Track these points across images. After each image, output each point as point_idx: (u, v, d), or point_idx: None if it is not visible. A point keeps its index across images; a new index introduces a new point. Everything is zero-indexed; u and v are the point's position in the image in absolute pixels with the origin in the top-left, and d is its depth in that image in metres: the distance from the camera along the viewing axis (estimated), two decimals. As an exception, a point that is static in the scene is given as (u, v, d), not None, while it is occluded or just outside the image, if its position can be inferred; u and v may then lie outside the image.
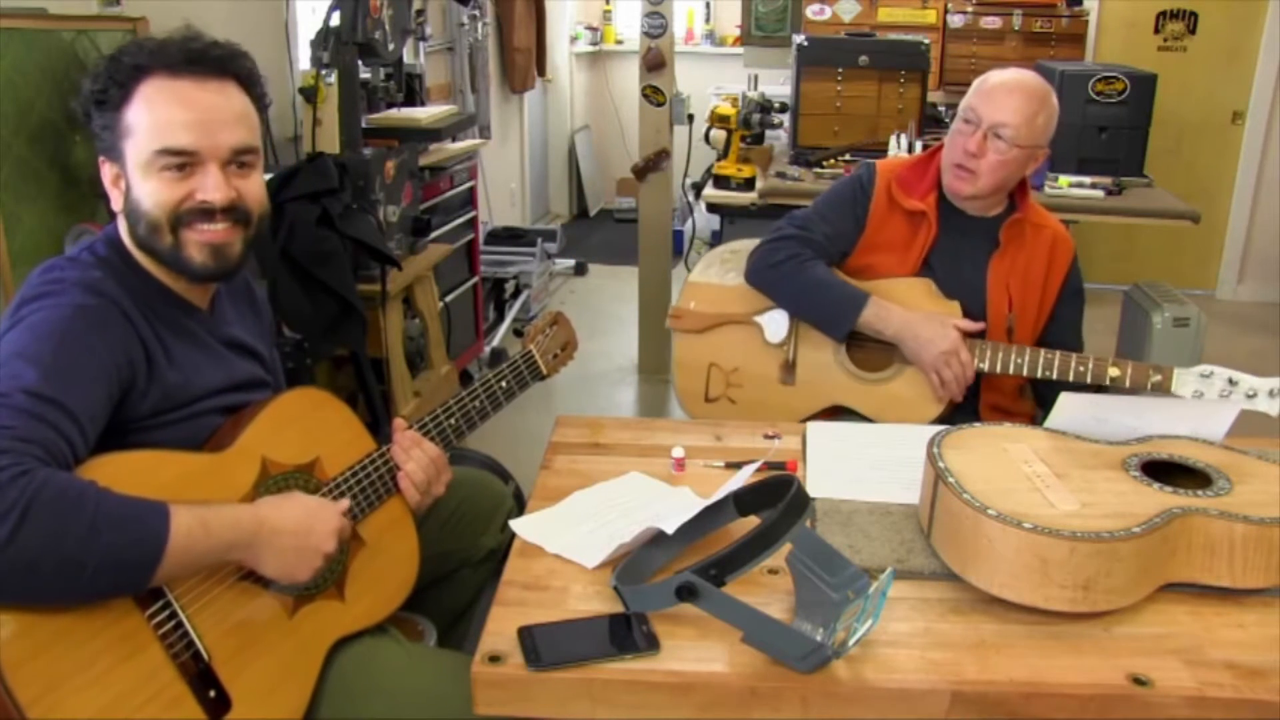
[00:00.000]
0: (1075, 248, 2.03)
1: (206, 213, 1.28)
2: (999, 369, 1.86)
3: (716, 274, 2.09)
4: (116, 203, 1.31)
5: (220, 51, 1.31)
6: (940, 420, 1.90)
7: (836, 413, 1.98)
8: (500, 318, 4.65)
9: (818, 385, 1.99)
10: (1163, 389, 1.76)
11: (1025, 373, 1.84)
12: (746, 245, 2.08)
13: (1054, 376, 1.82)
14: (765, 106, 3.44)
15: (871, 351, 1.97)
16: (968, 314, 1.92)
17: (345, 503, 1.32)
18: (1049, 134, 1.92)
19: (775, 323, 2.00)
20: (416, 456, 1.43)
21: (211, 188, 1.28)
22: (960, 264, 1.97)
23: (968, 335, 1.87)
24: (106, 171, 1.31)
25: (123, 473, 1.14)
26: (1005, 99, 1.87)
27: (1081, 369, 1.81)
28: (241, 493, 1.26)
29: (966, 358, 1.84)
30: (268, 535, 1.20)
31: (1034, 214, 2.00)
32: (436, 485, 1.47)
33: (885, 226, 2.00)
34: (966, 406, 1.94)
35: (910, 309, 1.90)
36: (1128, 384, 1.78)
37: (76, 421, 1.13)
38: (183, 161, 1.27)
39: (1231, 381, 1.70)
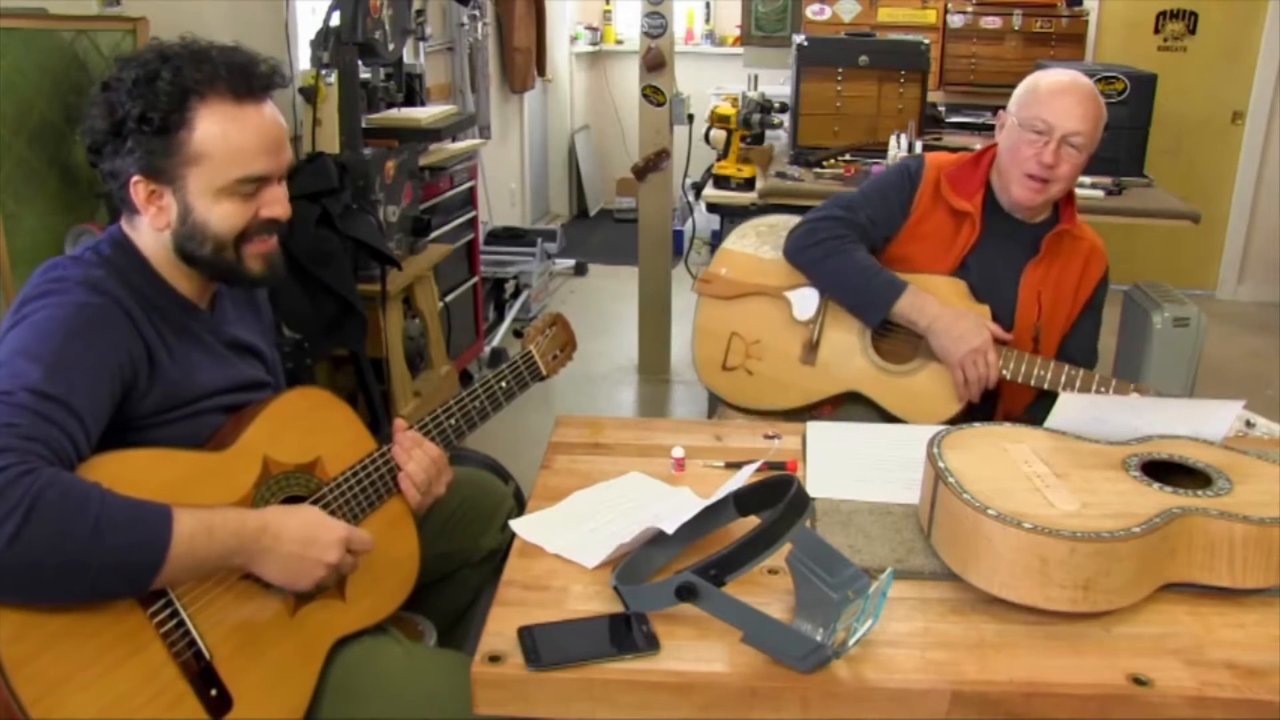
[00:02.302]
0: (1108, 263, 2.02)
1: (267, 227, 1.34)
2: (1021, 378, 1.85)
3: (751, 245, 2.08)
4: (157, 221, 1.30)
5: (266, 68, 1.33)
6: (952, 422, 1.90)
7: (846, 400, 1.98)
8: (500, 318, 4.65)
9: (838, 369, 1.98)
10: None
11: (1047, 385, 1.83)
12: (784, 220, 2.07)
13: (1074, 393, 1.79)
14: (765, 106, 3.44)
15: (897, 342, 1.97)
16: (997, 318, 1.91)
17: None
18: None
19: (805, 299, 1.99)
20: (417, 457, 1.44)
21: (279, 205, 1.35)
22: (995, 267, 1.97)
23: (996, 340, 1.86)
24: (140, 190, 1.28)
25: (124, 471, 1.14)
26: (1076, 107, 1.84)
27: (1103, 389, 1.80)
28: (243, 492, 1.26)
29: (994, 359, 1.84)
30: (270, 542, 1.20)
31: (1079, 228, 1.99)
32: (437, 485, 1.47)
33: (928, 220, 2.00)
34: (983, 412, 1.94)
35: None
36: None
37: (80, 419, 1.13)
38: (257, 185, 1.31)
39: (1249, 424, 1.68)
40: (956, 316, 1.87)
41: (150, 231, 1.32)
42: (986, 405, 1.93)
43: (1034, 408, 2.00)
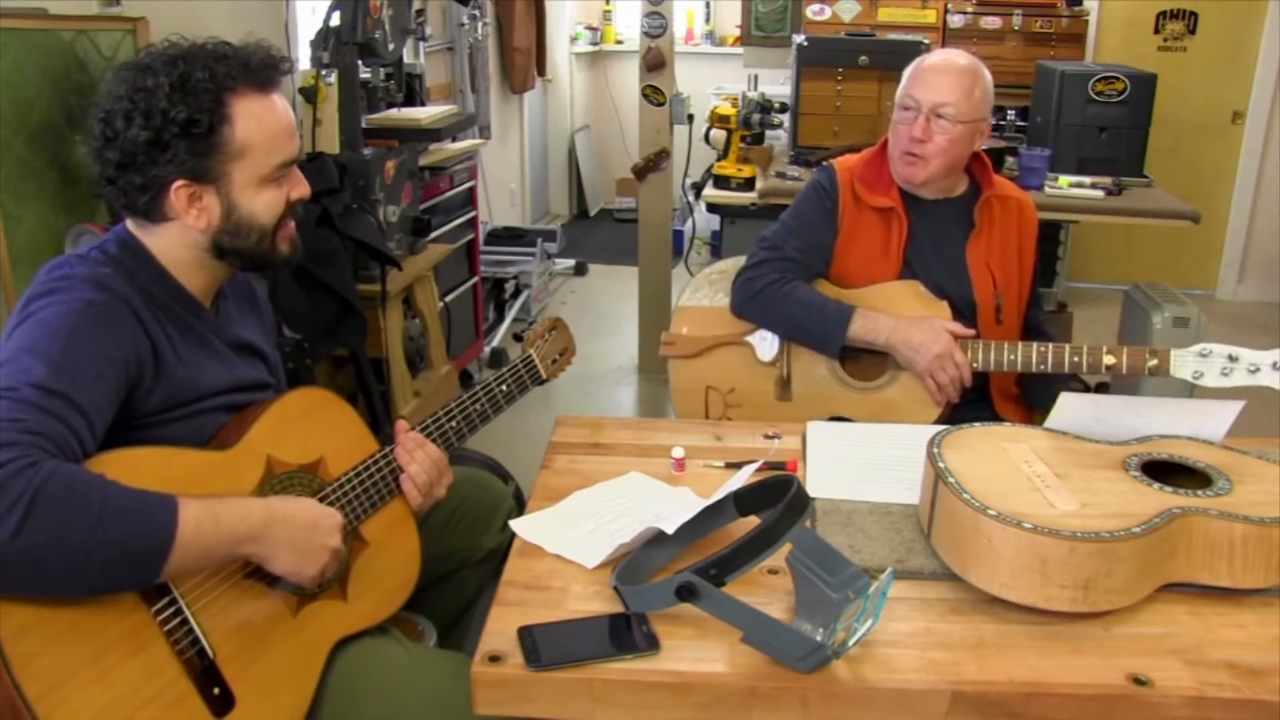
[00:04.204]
0: (1035, 208, 2.06)
1: (293, 209, 1.38)
2: (993, 366, 1.86)
3: (706, 296, 2.09)
4: (198, 222, 1.30)
5: (280, 58, 1.36)
6: (941, 422, 1.90)
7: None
8: (500, 318, 4.65)
9: (814, 399, 1.98)
10: (1160, 372, 1.72)
11: (1019, 368, 1.84)
12: (733, 265, 2.07)
13: (1049, 369, 1.81)
14: (765, 106, 3.44)
15: (865, 361, 1.96)
16: (955, 302, 1.93)
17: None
18: (988, 106, 1.95)
19: (766, 341, 2.00)
20: (419, 458, 1.44)
21: (303, 185, 1.40)
22: (939, 253, 1.98)
23: (959, 338, 1.86)
24: (182, 194, 1.28)
25: (129, 468, 1.14)
26: (938, 80, 1.90)
27: (1076, 359, 1.79)
28: (246, 491, 1.26)
29: (962, 359, 1.84)
30: (277, 529, 1.20)
31: (1000, 188, 2.02)
32: (438, 487, 1.47)
33: (859, 226, 2.00)
34: (977, 403, 1.95)
35: (900, 313, 1.90)
36: (1124, 370, 1.76)
37: (84, 415, 1.13)
38: (288, 170, 1.35)
39: (1231, 358, 1.64)
40: (911, 327, 1.86)
41: (172, 233, 1.32)
42: (978, 391, 1.94)
43: (1028, 388, 2.01)
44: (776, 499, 1.24)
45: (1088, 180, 3.30)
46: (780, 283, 1.95)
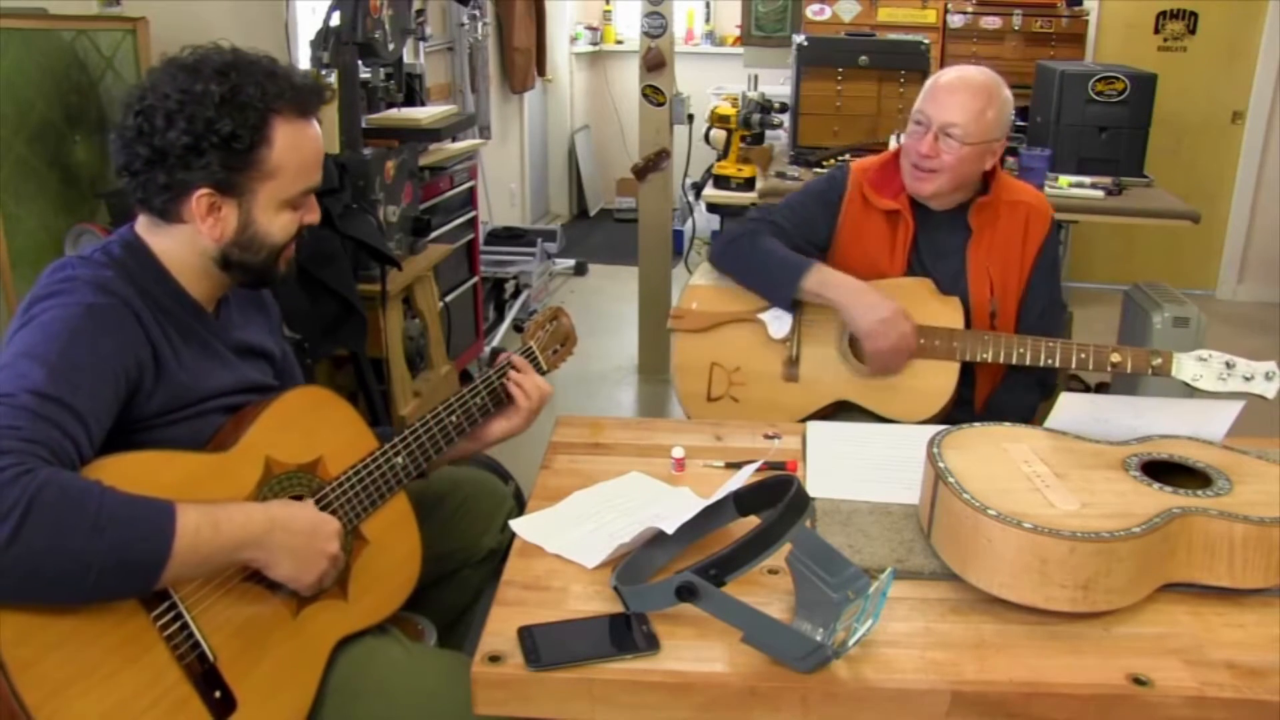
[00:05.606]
0: (1053, 216, 2.03)
1: (299, 232, 1.39)
2: (1002, 358, 1.87)
3: (717, 277, 2.11)
4: (213, 232, 1.31)
5: (321, 87, 1.37)
6: (943, 416, 1.91)
7: (838, 410, 1.99)
8: (500, 317, 4.65)
9: (821, 381, 1.99)
10: (1163, 371, 1.79)
11: (1028, 361, 1.85)
12: None
13: (1056, 364, 1.84)
14: (765, 106, 3.44)
15: None
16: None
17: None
18: (1002, 126, 1.94)
19: (778, 318, 2.00)
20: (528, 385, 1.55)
21: (316, 211, 1.41)
22: (941, 258, 2.00)
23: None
24: (203, 203, 1.29)
25: (127, 473, 1.14)
26: (950, 99, 1.90)
27: (1084, 356, 1.82)
28: (246, 492, 1.26)
29: (907, 329, 1.85)
30: (279, 534, 1.20)
31: (1007, 192, 2.01)
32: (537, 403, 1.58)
33: (864, 227, 2.02)
34: (962, 410, 1.95)
35: (911, 306, 1.90)
36: (1129, 369, 1.80)
37: (82, 421, 1.13)
38: (308, 196, 1.37)
39: (1229, 365, 1.74)
40: (865, 290, 1.89)
41: (182, 236, 1.32)
42: (967, 393, 1.95)
43: (1003, 390, 2.02)
44: (776, 499, 1.24)
45: (1088, 180, 3.30)
46: (755, 235, 1.98)
